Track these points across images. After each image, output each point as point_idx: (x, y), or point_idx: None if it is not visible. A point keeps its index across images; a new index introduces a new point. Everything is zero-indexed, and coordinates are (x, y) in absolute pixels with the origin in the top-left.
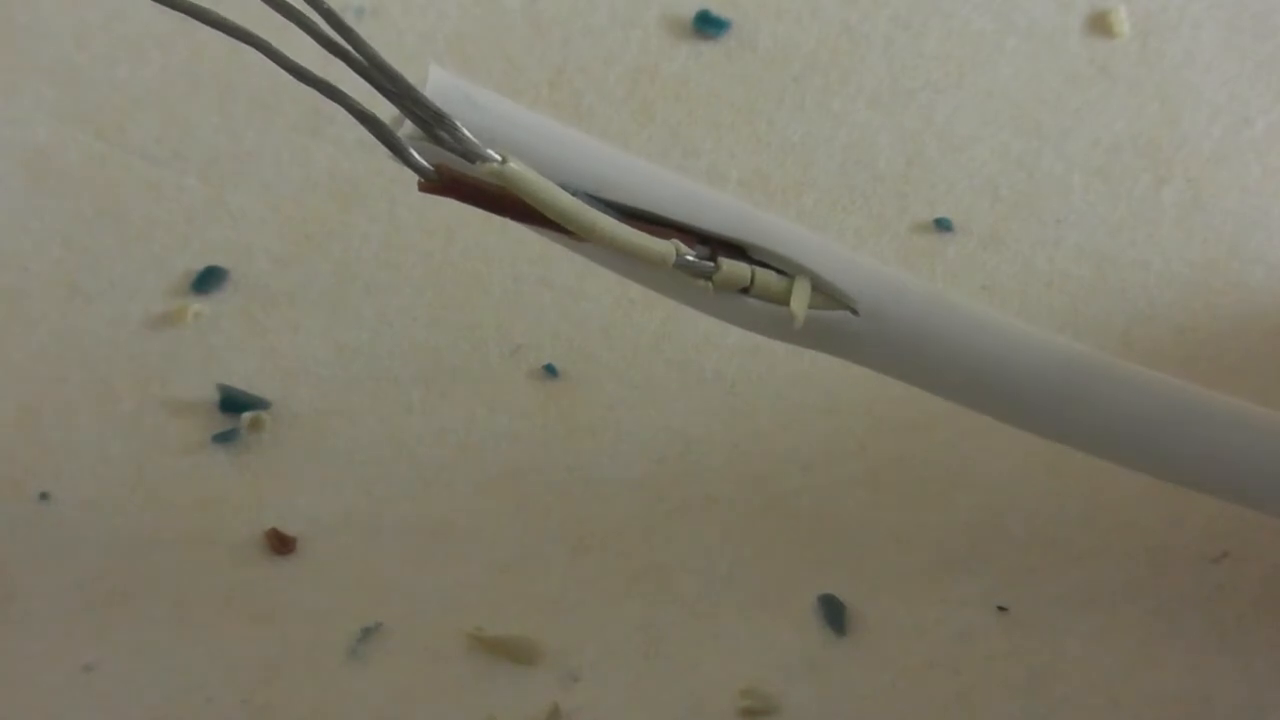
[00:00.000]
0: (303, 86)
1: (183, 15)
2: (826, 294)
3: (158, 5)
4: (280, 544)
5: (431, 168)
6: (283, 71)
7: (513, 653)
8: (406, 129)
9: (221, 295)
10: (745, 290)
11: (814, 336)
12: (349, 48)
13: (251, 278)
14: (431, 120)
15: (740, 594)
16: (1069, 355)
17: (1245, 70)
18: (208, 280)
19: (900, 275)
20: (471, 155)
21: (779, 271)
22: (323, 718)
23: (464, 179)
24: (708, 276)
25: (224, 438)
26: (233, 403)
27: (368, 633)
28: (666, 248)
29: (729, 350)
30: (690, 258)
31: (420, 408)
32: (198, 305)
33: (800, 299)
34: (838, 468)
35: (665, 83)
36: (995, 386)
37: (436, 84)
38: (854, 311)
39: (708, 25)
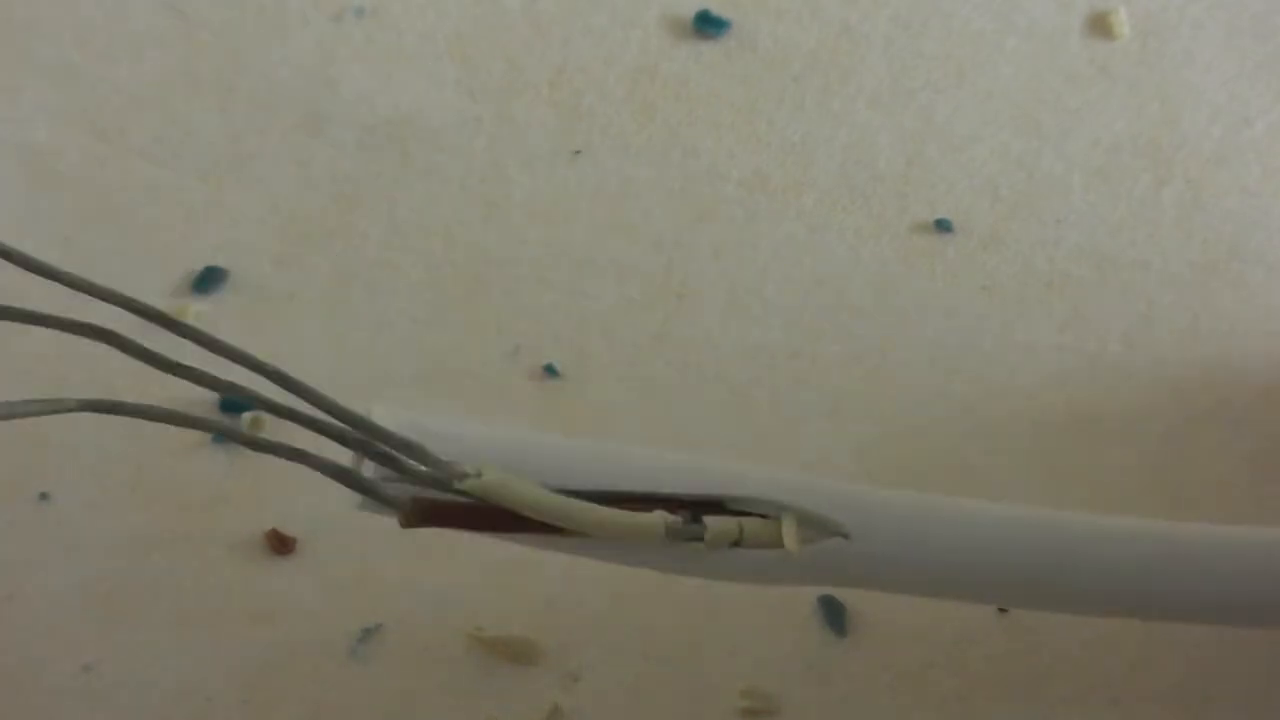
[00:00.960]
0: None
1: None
2: (814, 526)
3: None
4: (280, 544)
5: (408, 501)
6: (283, 71)
7: (513, 653)
8: (368, 470)
9: (221, 295)
10: (737, 543)
11: (814, 569)
12: (293, 409)
13: (251, 278)
14: (399, 452)
15: (740, 594)
16: (1060, 527)
17: (1245, 70)
18: (208, 280)
19: (878, 490)
20: (447, 477)
21: (763, 516)
22: (323, 718)
23: (443, 505)
24: (699, 539)
25: (224, 438)
26: (233, 403)
27: (368, 633)
28: (654, 519)
29: (729, 350)
30: (679, 524)
31: (420, 408)
32: (198, 305)
33: (791, 536)
34: (837, 469)
35: (665, 83)
36: (995, 576)
37: (383, 419)
38: (845, 535)
39: (708, 25)
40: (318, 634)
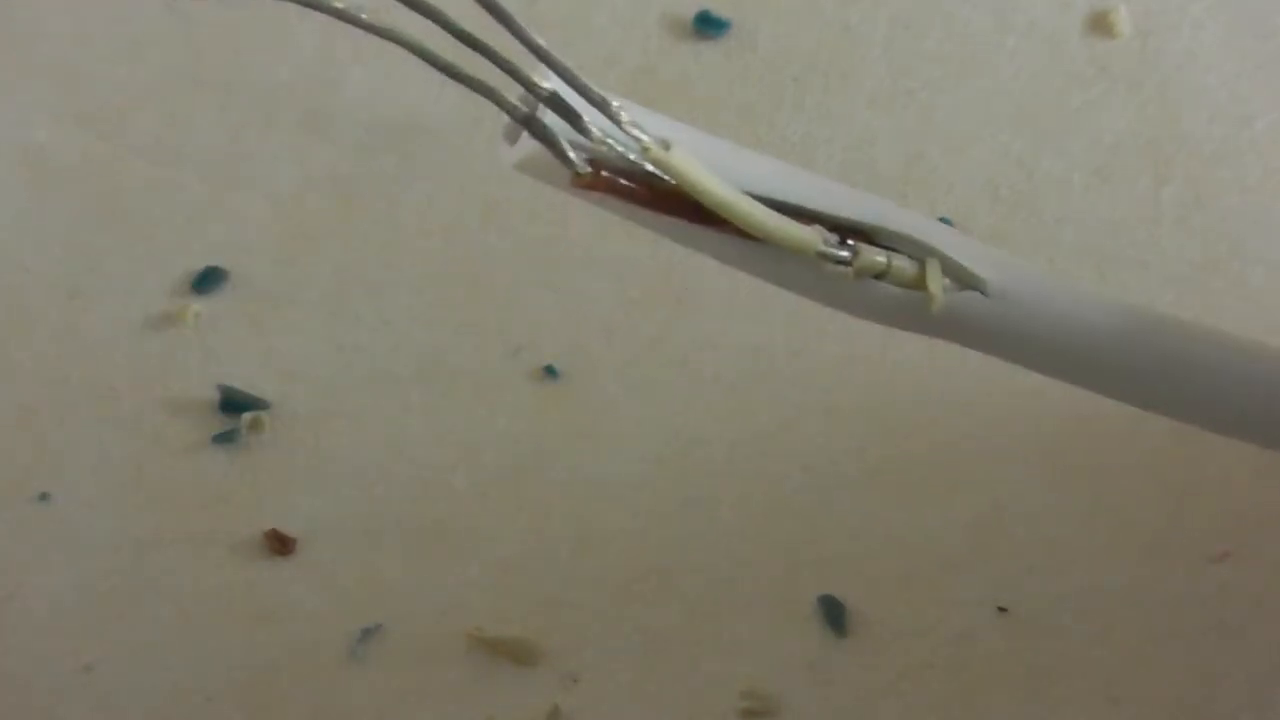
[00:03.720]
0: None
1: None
2: (955, 277)
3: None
4: (280, 544)
5: (586, 163)
6: (283, 72)
7: (513, 653)
8: (551, 121)
9: (221, 295)
10: (880, 276)
11: (948, 322)
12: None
13: (251, 278)
14: (595, 106)
15: (740, 594)
16: (1189, 331)
17: (1245, 70)
18: (208, 280)
19: (1030, 263)
20: (634, 142)
21: (909, 256)
22: (323, 718)
23: (623, 170)
24: (848, 264)
25: (224, 438)
26: (233, 403)
27: (368, 633)
28: (811, 235)
29: (729, 350)
30: (833, 246)
31: (420, 408)
32: (198, 305)
33: (935, 279)
34: (838, 468)
35: (665, 83)
36: (1118, 364)
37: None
38: (983, 292)
39: (708, 26)
40: (318, 634)
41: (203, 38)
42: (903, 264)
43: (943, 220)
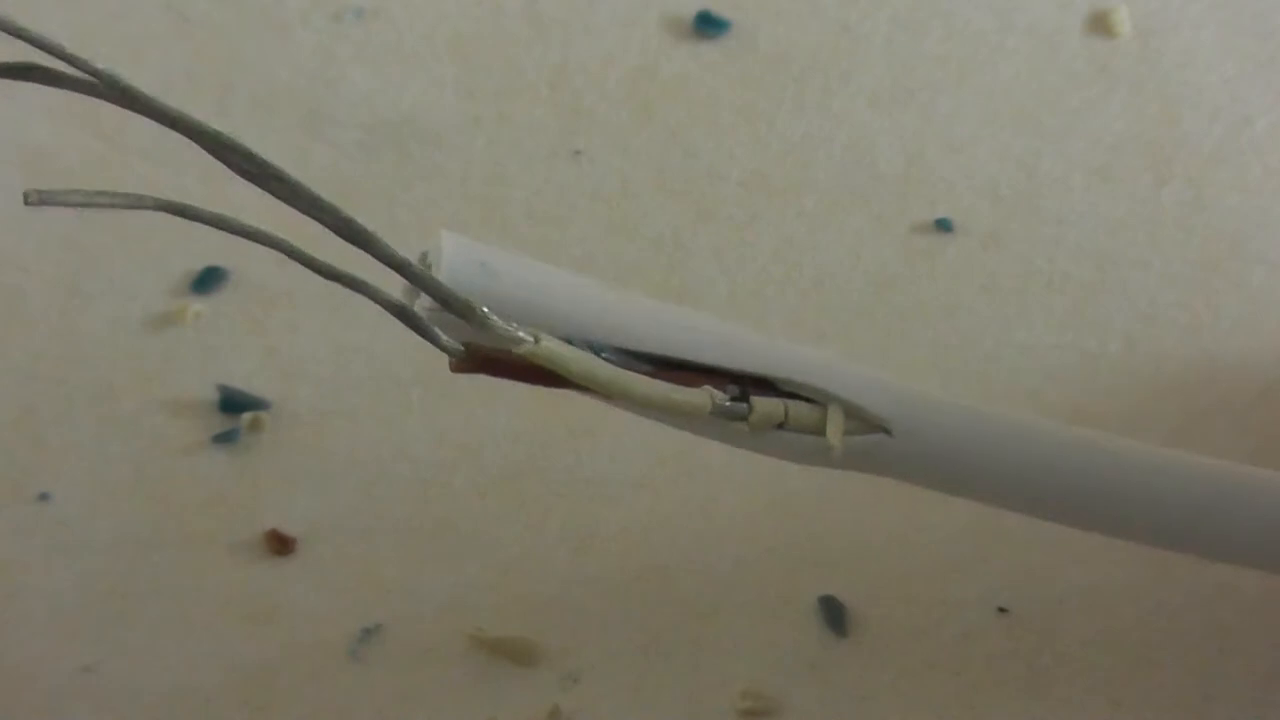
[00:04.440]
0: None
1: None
2: (859, 418)
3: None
4: (280, 544)
5: (461, 347)
6: (283, 72)
7: (513, 653)
8: (424, 302)
9: (221, 295)
10: (781, 425)
11: (854, 460)
12: (370, 239)
13: (251, 278)
14: (459, 310)
15: (740, 594)
16: (1103, 450)
17: (1246, 70)
18: (208, 280)
19: (929, 391)
20: (503, 340)
21: (810, 401)
22: (322, 718)
23: (495, 356)
24: (744, 418)
25: (224, 438)
26: (233, 403)
27: (368, 633)
28: (702, 398)
29: None
30: (726, 403)
31: (420, 408)
32: (198, 305)
33: (835, 428)
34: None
35: (665, 83)
36: (1034, 490)
37: (451, 254)
38: (888, 433)
39: (708, 25)
40: (317, 634)
41: (203, 38)
42: (802, 412)
43: (941, 222)
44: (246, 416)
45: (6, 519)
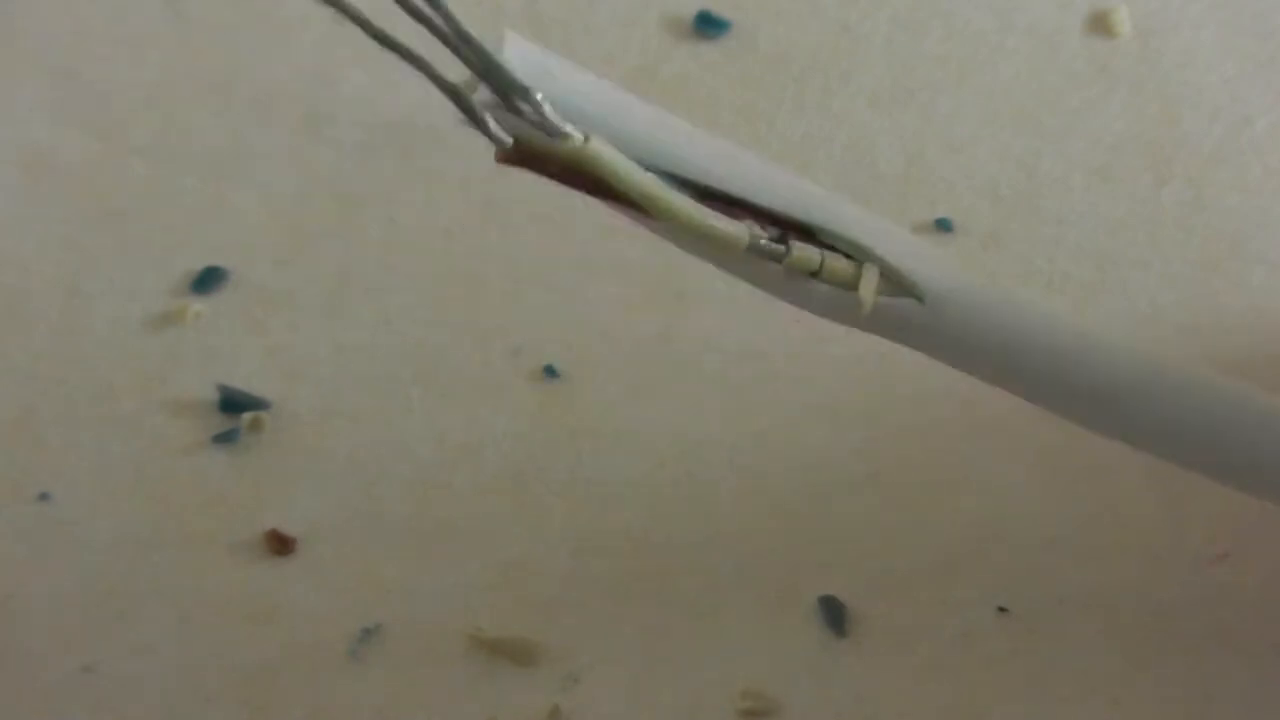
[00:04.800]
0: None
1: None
2: (894, 281)
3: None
4: (280, 544)
5: (509, 140)
6: (283, 72)
7: (513, 653)
8: (482, 95)
9: (221, 295)
10: (814, 274)
11: (879, 323)
12: (432, 15)
13: (251, 278)
14: (513, 93)
15: (740, 594)
16: (1128, 354)
17: (1245, 70)
18: (208, 280)
19: (970, 272)
20: (552, 131)
21: (848, 256)
22: (323, 718)
23: (541, 152)
24: (779, 260)
25: (224, 438)
26: (233, 403)
27: (368, 633)
28: (740, 231)
29: (729, 351)
30: (763, 241)
31: (420, 408)
32: (198, 305)
33: (868, 286)
34: (838, 469)
35: (665, 83)
36: (1054, 380)
37: (514, 53)
38: (919, 299)
39: (708, 25)
40: (317, 634)
41: (203, 38)
42: (838, 264)
43: (941, 222)
44: (247, 416)
45: (6, 519)
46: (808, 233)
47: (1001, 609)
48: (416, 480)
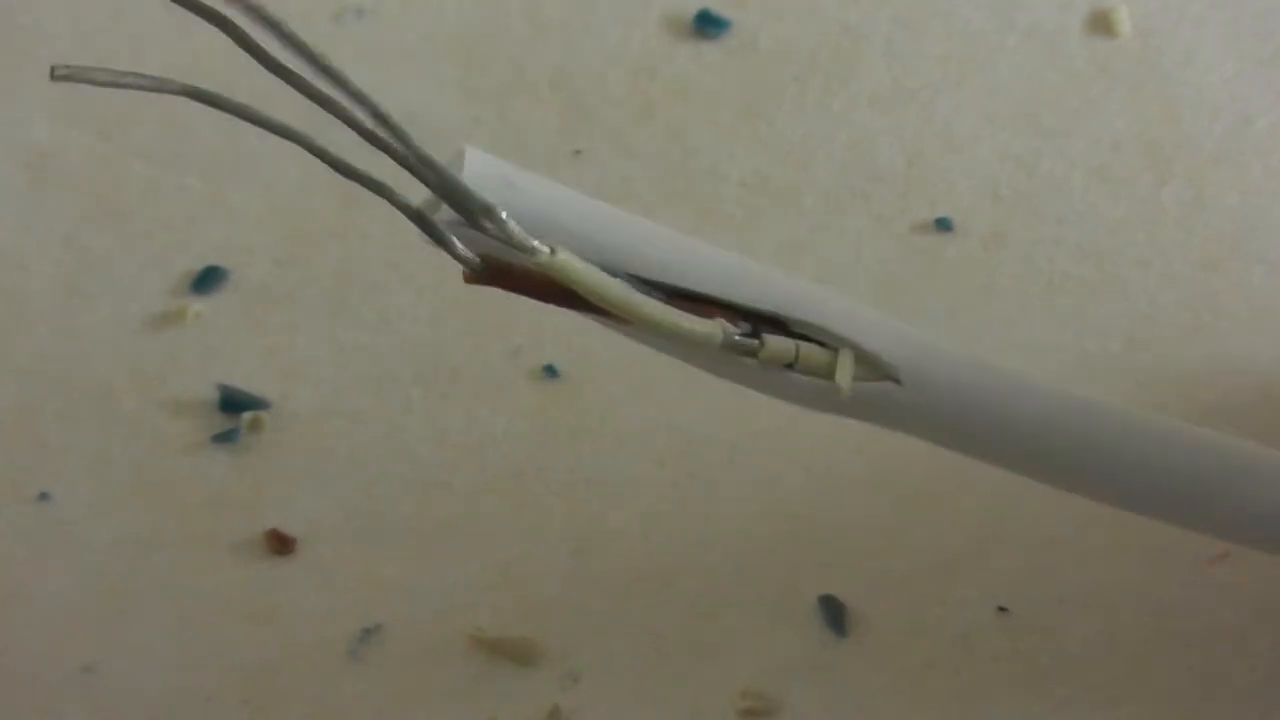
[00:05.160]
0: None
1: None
2: (870, 365)
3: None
4: (280, 544)
5: (477, 259)
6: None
7: (513, 653)
8: (445, 215)
9: (221, 295)
10: (790, 365)
11: (859, 407)
12: (390, 140)
13: (251, 278)
14: (477, 212)
15: (740, 594)
16: (1112, 416)
17: (1246, 69)
18: (208, 280)
19: (942, 343)
20: (519, 246)
21: (821, 344)
22: (323, 718)
23: (510, 268)
24: (753, 354)
25: (224, 438)
26: (233, 403)
27: (368, 633)
28: (713, 329)
29: None
30: (736, 337)
31: (420, 408)
32: (198, 305)
33: (845, 372)
34: (839, 469)
35: (666, 82)
36: (1041, 451)
37: (474, 167)
38: (897, 381)
39: (708, 25)
40: (318, 634)
41: (203, 37)
42: (812, 351)
43: (941, 221)
44: (247, 416)
45: (6, 519)
46: (780, 324)
47: (1001, 609)
48: (416, 480)
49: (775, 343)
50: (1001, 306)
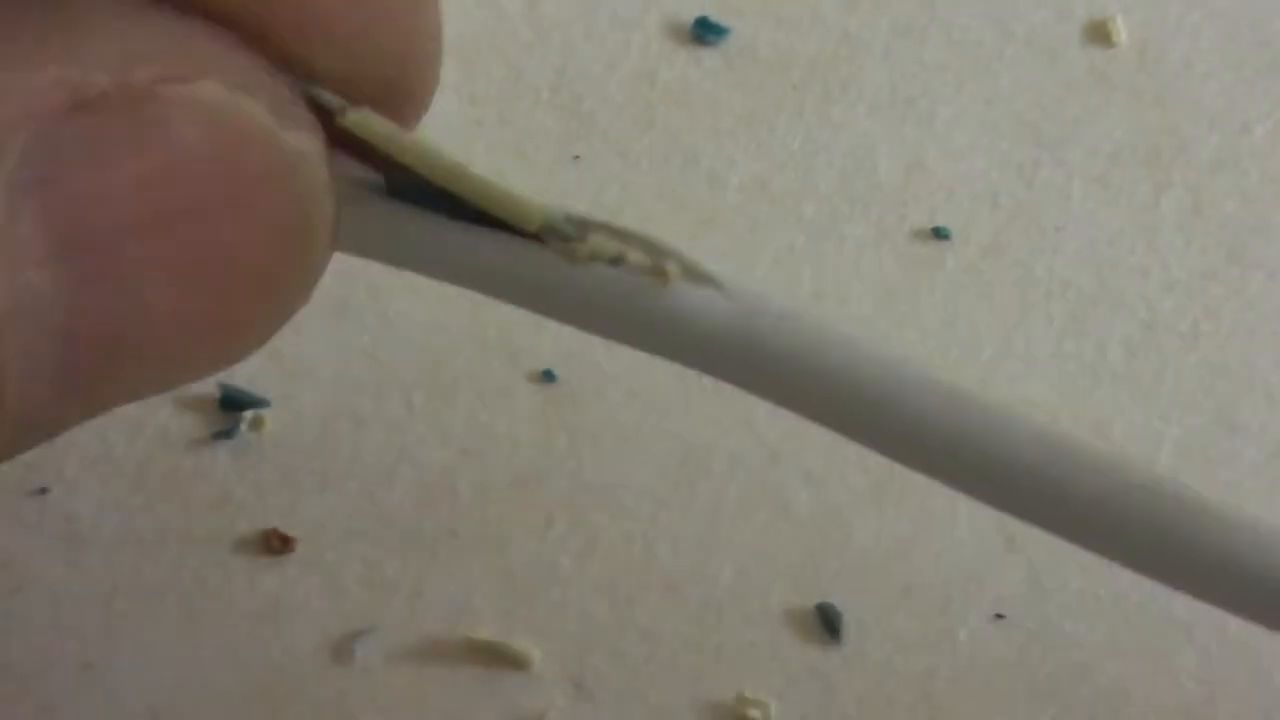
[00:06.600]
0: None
1: None
2: (691, 274)
3: None
4: (280, 544)
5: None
6: None
7: (512, 655)
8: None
9: None
10: (616, 260)
11: (677, 324)
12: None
13: None
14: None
15: (740, 601)
16: (951, 395)
17: (1244, 77)
18: None
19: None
20: (325, 106)
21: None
22: (322, 718)
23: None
24: (573, 244)
25: (225, 436)
26: (234, 401)
27: (368, 633)
28: (537, 203)
29: None
30: (560, 221)
31: (422, 410)
32: None
33: (672, 267)
34: (838, 476)
35: (665, 88)
36: (856, 414)
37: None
38: (718, 287)
39: (707, 31)
40: (318, 634)
41: None
42: (638, 256)
43: (938, 230)
44: (248, 415)
45: (7, 515)
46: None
47: (1000, 616)
48: (417, 481)
49: (600, 238)
50: (1000, 315)
